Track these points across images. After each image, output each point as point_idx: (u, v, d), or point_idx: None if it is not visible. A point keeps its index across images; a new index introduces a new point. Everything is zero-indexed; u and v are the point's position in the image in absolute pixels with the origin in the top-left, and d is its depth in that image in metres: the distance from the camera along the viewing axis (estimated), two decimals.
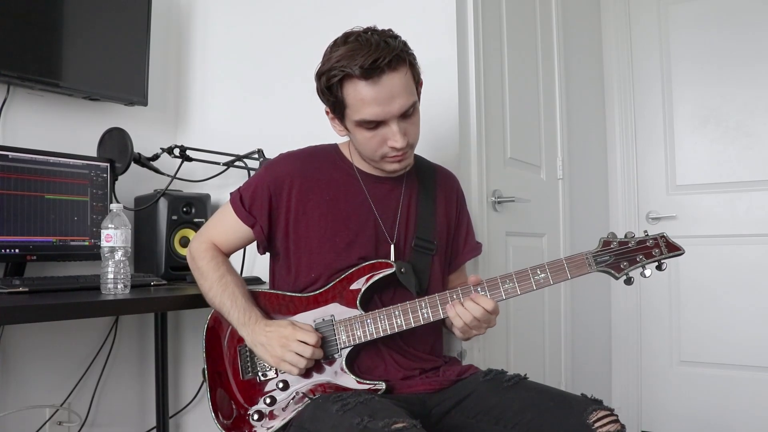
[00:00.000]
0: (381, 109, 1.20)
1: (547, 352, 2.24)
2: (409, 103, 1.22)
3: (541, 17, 2.29)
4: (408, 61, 1.21)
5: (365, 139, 1.26)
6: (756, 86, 2.65)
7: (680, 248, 1.21)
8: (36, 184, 1.66)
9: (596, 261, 1.20)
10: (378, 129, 1.23)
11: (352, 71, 1.17)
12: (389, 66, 1.17)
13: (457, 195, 1.49)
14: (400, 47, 1.20)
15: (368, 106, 1.20)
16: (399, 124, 1.23)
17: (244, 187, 1.39)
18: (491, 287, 1.22)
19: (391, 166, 1.30)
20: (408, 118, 1.24)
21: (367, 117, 1.21)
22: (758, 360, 2.59)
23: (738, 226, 2.68)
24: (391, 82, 1.19)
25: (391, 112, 1.21)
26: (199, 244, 1.40)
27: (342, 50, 1.19)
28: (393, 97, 1.19)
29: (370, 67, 1.16)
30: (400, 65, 1.19)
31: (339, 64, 1.19)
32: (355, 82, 1.19)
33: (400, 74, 1.20)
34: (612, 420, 1.13)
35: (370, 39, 1.18)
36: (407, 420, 1.05)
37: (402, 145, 1.24)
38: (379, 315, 1.25)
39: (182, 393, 2.20)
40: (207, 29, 2.26)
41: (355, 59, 1.16)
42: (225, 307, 1.30)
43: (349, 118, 1.24)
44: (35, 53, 1.76)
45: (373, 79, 1.18)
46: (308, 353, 1.20)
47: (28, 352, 1.82)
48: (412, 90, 1.23)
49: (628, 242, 1.21)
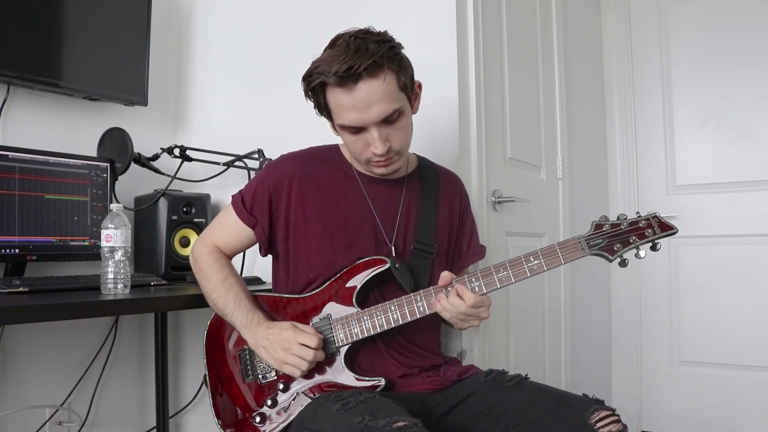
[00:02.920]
0: (359, 116, 1.19)
1: (547, 353, 2.24)
2: (390, 110, 1.19)
3: (541, 17, 2.29)
4: (387, 66, 1.17)
5: (350, 142, 1.27)
6: (756, 86, 2.66)
7: (673, 227, 1.19)
8: (36, 184, 1.66)
9: (589, 244, 1.18)
10: (360, 134, 1.23)
11: (326, 78, 1.18)
12: (367, 72, 1.15)
13: (461, 197, 1.47)
14: (380, 53, 1.16)
15: (347, 112, 1.20)
16: (380, 130, 1.21)
17: (245, 189, 1.39)
18: (485, 276, 1.20)
19: (378, 170, 1.30)
20: (391, 124, 1.22)
21: (345, 123, 1.22)
22: (758, 360, 2.59)
23: (738, 226, 2.68)
24: (368, 89, 1.17)
25: (369, 119, 1.20)
26: (201, 246, 1.41)
27: (325, 55, 1.20)
28: (370, 104, 1.18)
29: (344, 75, 1.15)
30: (378, 72, 1.16)
31: (317, 69, 1.19)
32: (333, 89, 1.19)
33: (378, 81, 1.17)
34: (614, 420, 1.12)
35: (351, 45, 1.17)
36: (408, 419, 1.05)
37: (381, 151, 1.22)
38: (375, 311, 1.25)
39: (182, 393, 2.20)
40: (207, 29, 2.26)
41: (332, 66, 1.16)
42: (228, 308, 1.29)
43: (334, 121, 1.26)
44: (35, 53, 1.76)
45: (348, 86, 1.17)
46: (310, 356, 1.20)
47: (28, 352, 1.82)
48: (395, 96, 1.20)
49: (620, 224, 1.19)
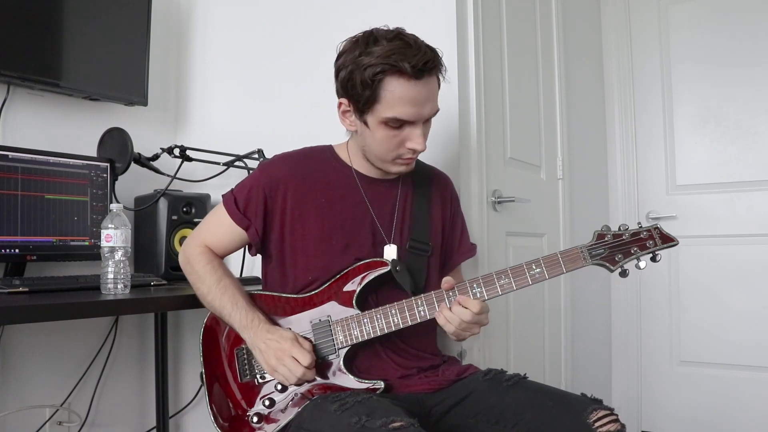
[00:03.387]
0: (415, 110, 1.21)
1: (547, 352, 2.24)
2: (436, 109, 1.26)
3: (541, 17, 2.29)
4: (440, 67, 1.24)
5: (385, 138, 1.25)
6: (756, 86, 2.65)
7: (674, 239, 1.20)
8: (36, 184, 1.66)
9: (591, 254, 1.20)
10: (401, 129, 1.24)
11: (402, 67, 1.17)
12: (433, 70, 1.21)
13: (452, 197, 1.48)
14: (436, 53, 1.22)
15: (404, 105, 1.20)
16: (423, 128, 1.25)
17: (237, 189, 1.37)
18: (487, 283, 1.21)
19: (398, 168, 1.31)
20: (427, 124, 1.27)
21: (399, 115, 1.21)
22: (758, 360, 2.59)
23: (738, 226, 2.68)
24: (430, 86, 1.22)
25: (422, 115, 1.23)
26: (193, 247, 1.38)
27: (388, 46, 1.18)
28: (427, 101, 1.22)
29: (422, 68, 1.18)
30: (436, 71, 1.23)
31: (389, 59, 1.17)
32: (400, 79, 1.18)
33: (435, 79, 1.23)
34: (612, 419, 1.13)
35: (417, 40, 1.20)
36: (405, 419, 1.05)
37: (422, 148, 1.26)
38: (375, 314, 1.24)
39: (182, 393, 2.20)
40: (207, 29, 2.26)
41: (406, 56, 1.17)
42: (225, 310, 1.29)
43: (376, 114, 1.22)
44: (35, 53, 1.76)
45: (419, 79, 1.19)
46: (299, 372, 1.19)
47: (28, 352, 1.82)
48: (437, 97, 1.26)
49: (622, 235, 1.21)
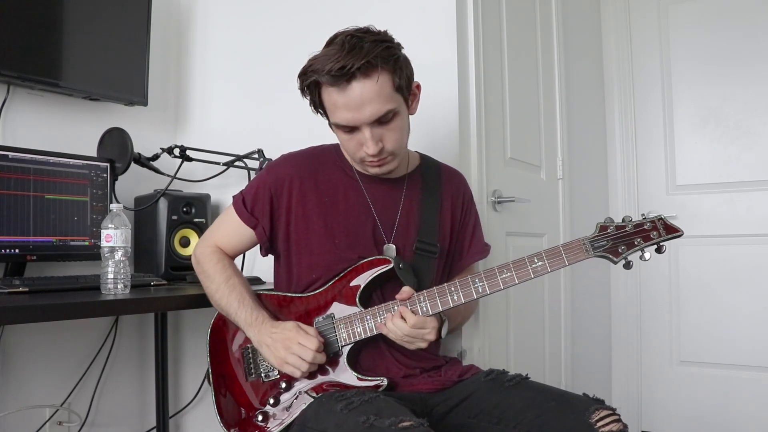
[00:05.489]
0: (351, 115, 1.19)
1: (547, 352, 2.24)
2: (383, 110, 1.18)
3: (541, 17, 2.29)
4: (381, 67, 1.16)
5: (344, 141, 1.27)
6: (756, 86, 2.66)
7: (679, 230, 1.17)
8: (36, 184, 1.66)
9: (593, 246, 1.16)
10: (353, 133, 1.23)
11: (320, 77, 1.17)
12: (360, 72, 1.15)
13: (464, 195, 1.46)
14: (375, 53, 1.15)
15: (339, 111, 1.20)
16: (372, 131, 1.20)
17: (246, 190, 1.39)
18: (489, 277, 1.19)
19: (372, 170, 1.29)
20: (385, 124, 1.21)
21: (338, 122, 1.22)
22: (758, 360, 2.59)
23: (738, 226, 2.68)
24: (361, 89, 1.16)
25: (361, 119, 1.19)
26: (204, 248, 1.41)
27: (321, 53, 1.20)
28: (363, 104, 1.17)
29: (338, 74, 1.15)
30: (371, 72, 1.15)
31: (312, 67, 1.19)
32: (326, 87, 1.19)
33: (371, 81, 1.16)
34: (614, 419, 1.12)
35: (346, 43, 1.16)
36: (414, 419, 1.05)
37: (373, 151, 1.22)
38: (378, 311, 1.24)
39: (182, 393, 2.20)
40: (207, 29, 2.26)
41: (326, 64, 1.16)
42: (232, 308, 1.30)
43: (329, 120, 1.26)
44: (35, 53, 1.76)
45: (341, 86, 1.16)
46: (309, 357, 1.20)
47: (28, 352, 1.82)
48: (389, 97, 1.19)
49: (625, 226, 1.17)
